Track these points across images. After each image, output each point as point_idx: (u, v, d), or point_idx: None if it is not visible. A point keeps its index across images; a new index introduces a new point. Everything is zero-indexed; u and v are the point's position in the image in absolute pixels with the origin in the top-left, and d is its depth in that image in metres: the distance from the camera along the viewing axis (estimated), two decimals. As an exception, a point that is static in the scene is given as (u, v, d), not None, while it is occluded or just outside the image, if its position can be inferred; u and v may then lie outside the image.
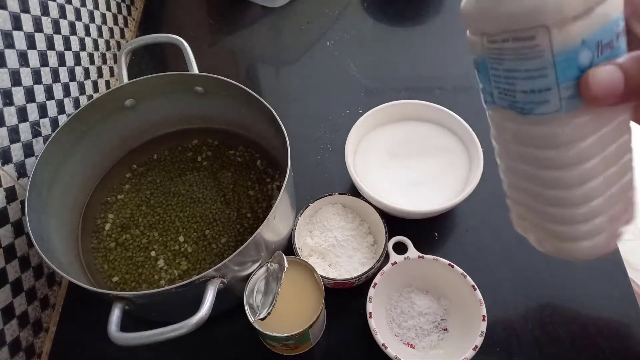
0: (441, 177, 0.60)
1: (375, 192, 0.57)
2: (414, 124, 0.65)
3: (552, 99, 0.27)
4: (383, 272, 0.52)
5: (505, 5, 0.26)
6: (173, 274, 0.57)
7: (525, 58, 0.26)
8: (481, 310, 0.49)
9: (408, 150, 0.63)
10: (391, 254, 0.54)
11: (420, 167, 0.61)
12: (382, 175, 0.61)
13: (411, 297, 0.54)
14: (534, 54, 0.26)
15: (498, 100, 0.30)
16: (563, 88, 0.26)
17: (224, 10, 0.88)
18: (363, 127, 0.64)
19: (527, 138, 0.30)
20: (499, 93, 0.30)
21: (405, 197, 0.58)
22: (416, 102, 0.65)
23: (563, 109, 0.27)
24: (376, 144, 0.64)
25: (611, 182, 0.30)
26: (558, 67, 0.26)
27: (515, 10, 0.25)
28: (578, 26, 0.25)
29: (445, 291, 0.54)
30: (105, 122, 0.60)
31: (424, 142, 0.63)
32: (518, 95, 0.28)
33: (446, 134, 0.64)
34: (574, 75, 0.26)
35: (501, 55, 0.28)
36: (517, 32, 0.26)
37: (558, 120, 0.28)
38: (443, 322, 0.53)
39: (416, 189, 0.59)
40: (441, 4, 0.86)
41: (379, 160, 0.62)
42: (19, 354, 0.52)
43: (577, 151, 0.28)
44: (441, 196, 0.58)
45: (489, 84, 0.30)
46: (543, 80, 0.26)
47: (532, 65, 0.26)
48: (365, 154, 0.63)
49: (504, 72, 0.28)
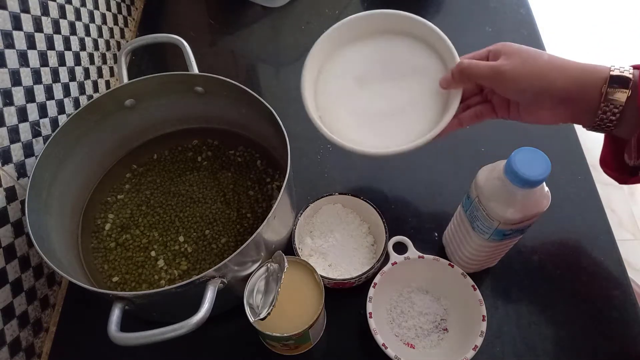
0: (417, 104, 0.53)
1: (339, 129, 0.50)
2: (383, 41, 0.55)
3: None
4: (383, 272, 0.52)
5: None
6: (173, 274, 0.57)
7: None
8: (481, 310, 0.49)
9: (379, 74, 0.54)
10: (391, 254, 0.54)
11: (394, 93, 0.53)
12: (346, 106, 0.53)
13: (411, 297, 0.54)
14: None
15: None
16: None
17: (224, 10, 0.88)
18: (325, 47, 0.54)
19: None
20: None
21: (375, 132, 0.52)
22: (380, 11, 0.54)
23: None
24: (341, 68, 0.55)
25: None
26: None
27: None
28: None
29: (446, 291, 0.54)
30: (105, 122, 0.60)
31: (397, 62, 0.54)
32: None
33: (420, 49, 0.54)
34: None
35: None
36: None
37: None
38: (443, 322, 0.53)
39: (389, 121, 0.52)
40: (441, 4, 0.86)
41: (344, 88, 0.54)
42: (19, 354, 0.52)
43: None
44: (415, 130, 0.51)
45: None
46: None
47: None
48: (328, 80, 0.54)
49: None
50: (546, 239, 0.60)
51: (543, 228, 0.56)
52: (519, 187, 0.43)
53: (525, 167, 0.42)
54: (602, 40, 1.85)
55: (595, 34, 1.87)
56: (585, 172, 0.64)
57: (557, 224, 0.60)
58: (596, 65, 0.45)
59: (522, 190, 0.43)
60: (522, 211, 0.45)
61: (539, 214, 0.46)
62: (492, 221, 0.46)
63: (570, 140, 0.67)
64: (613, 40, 1.85)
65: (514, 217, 0.45)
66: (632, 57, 1.80)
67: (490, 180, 0.46)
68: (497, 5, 0.85)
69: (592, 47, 1.83)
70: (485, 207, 0.46)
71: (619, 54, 1.80)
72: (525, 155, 0.42)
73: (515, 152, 0.43)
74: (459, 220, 0.53)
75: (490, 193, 0.46)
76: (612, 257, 0.58)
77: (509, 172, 0.43)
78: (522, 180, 0.42)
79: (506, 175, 0.43)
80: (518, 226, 0.47)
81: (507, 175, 0.43)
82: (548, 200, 0.46)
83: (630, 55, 1.79)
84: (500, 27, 0.82)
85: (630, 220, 1.49)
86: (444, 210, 0.61)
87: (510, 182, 0.43)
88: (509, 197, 0.44)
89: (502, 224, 0.46)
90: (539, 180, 0.42)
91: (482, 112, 0.53)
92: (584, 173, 0.64)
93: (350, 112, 0.53)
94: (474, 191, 0.48)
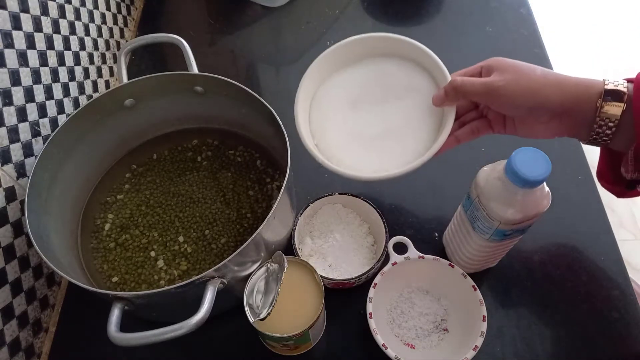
0: (412, 123, 0.52)
1: (335, 155, 0.51)
2: (374, 63, 0.55)
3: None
4: (383, 273, 0.52)
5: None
6: (173, 274, 0.57)
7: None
8: (482, 311, 0.49)
9: (372, 96, 0.54)
10: (391, 254, 0.54)
11: (387, 115, 0.53)
12: (342, 131, 0.53)
13: (411, 297, 0.54)
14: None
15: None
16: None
17: (224, 10, 0.88)
18: (315, 76, 0.55)
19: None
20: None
21: (372, 154, 0.52)
22: (371, 35, 0.55)
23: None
24: (334, 93, 0.55)
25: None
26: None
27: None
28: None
29: (446, 291, 0.54)
30: (105, 122, 0.60)
31: (389, 84, 0.54)
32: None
33: (414, 71, 0.54)
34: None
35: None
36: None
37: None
38: (443, 323, 0.53)
39: (385, 143, 0.52)
40: (441, 4, 0.86)
41: (338, 112, 0.54)
42: (19, 354, 0.52)
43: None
44: (412, 150, 0.51)
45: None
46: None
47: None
48: (322, 106, 0.55)
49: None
50: (546, 239, 0.60)
51: (543, 228, 0.56)
52: (519, 187, 0.43)
53: (526, 167, 0.42)
54: (602, 40, 1.85)
55: (595, 34, 1.87)
56: (586, 172, 0.64)
57: (558, 224, 0.60)
58: (590, 80, 0.45)
59: (523, 190, 0.43)
60: (522, 211, 0.45)
61: (540, 214, 0.46)
62: (492, 221, 0.46)
63: (570, 140, 0.67)
64: (613, 40, 1.85)
65: (514, 217, 0.45)
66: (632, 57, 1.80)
67: (491, 180, 0.46)
68: (497, 5, 0.85)
69: (592, 47, 1.83)
70: (485, 207, 0.46)
71: (619, 54, 1.80)
72: (525, 155, 0.42)
73: (515, 152, 0.43)
74: (459, 221, 0.53)
75: (490, 193, 0.46)
76: (612, 257, 0.58)
77: (509, 172, 0.43)
78: (522, 180, 0.42)
79: (506, 175, 0.43)
80: (518, 226, 0.47)
81: (508, 175, 0.43)
82: (548, 200, 0.46)
83: (630, 55, 1.79)
84: (500, 27, 0.81)
85: (630, 220, 1.49)
86: (444, 210, 0.61)
87: (510, 182, 0.43)
88: (509, 197, 0.44)
89: (503, 224, 0.46)
90: (539, 180, 0.42)
91: (478, 128, 0.52)
92: (584, 173, 0.64)
93: (345, 136, 0.53)
94: (474, 191, 0.48)
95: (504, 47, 0.79)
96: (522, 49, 0.78)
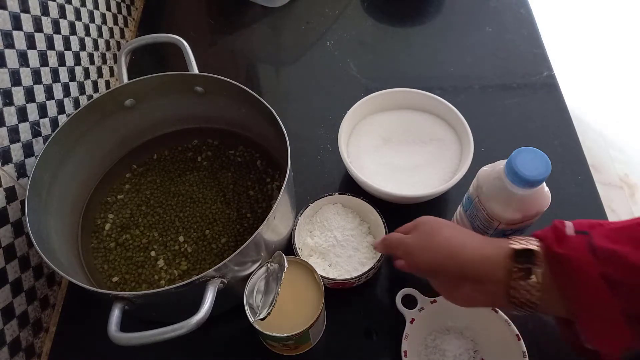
0: (432, 164, 0.61)
1: (365, 175, 0.58)
2: (410, 112, 0.66)
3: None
4: (422, 309, 0.51)
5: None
6: (173, 274, 0.57)
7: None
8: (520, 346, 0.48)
9: (402, 137, 0.64)
10: (401, 310, 0.52)
11: (413, 154, 0.63)
12: (374, 160, 0.62)
13: (437, 344, 0.52)
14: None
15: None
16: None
17: (224, 10, 0.88)
18: (359, 111, 0.65)
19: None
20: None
21: (395, 182, 0.60)
22: (412, 90, 0.66)
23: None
24: (371, 128, 0.65)
25: None
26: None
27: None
28: None
29: (482, 334, 0.52)
30: (105, 122, 0.60)
31: (418, 130, 0.65)
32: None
33: (440, 124, 0.65)
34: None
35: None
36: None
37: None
38: (477, 354, 0.51)
39: (407, 175, 0.61)
40: (441, 4, 0.86)
41: (372, 144, 0.64)
42: (19, 354, 0.52)
43: None
44: (430, 183, 0.59)
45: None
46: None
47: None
48: (360, 137, 0.64)
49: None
50: (546, 239, 0.60)
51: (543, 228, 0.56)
52: (519, 187, 0.43)
53: (525, 167, 0.42)
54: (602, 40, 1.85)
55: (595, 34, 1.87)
56: (585, 172, 0.64)
57: (557, 224, 0.60)
58: (499, 240, 0.41)
59: (522, 190, 0.43)
60: (522, 211, 0.45)
61: (539, 214, 0.46)
62: (492, 221, 0.46)
63: (570, 140, 0.67)
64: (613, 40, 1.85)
65: (514, 217, 0.45)
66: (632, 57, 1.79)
67: (490, 180, 0.46)
68: (497, 5, 0.85)
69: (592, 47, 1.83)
70: (485, 207, 0.46)
71: (619, 54, 1.80)
72: (525, 155, 0.42)
73: (515, 152, 0.43)
74: (459, 220, 0.53)
75: (490, 193, 0.46)
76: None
77: (509, 172, 0.43)
78: (522, 180, 0.42)
79: (506, 175, 0.43)
80: (518, 226, 0.47)
81: (507, 175, 0.43)
82: (548, 200, 0.46)
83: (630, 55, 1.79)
84: (500, 27, 0.82)
85: (630, 220, 1.48)
86: (444, 210, 0.61)
87: (510, 182, 0.43)
88: (509, 197, 0.44)
89: (502, 224, 0.46)
90: (539, 180, 0.42)
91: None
92: (584, 173, 0.64)
93: (375, 164, 0.62)
94: (474, 191, 0.48)
95: (504, 47, 0.79)
96: (522, 49, 0.79)
